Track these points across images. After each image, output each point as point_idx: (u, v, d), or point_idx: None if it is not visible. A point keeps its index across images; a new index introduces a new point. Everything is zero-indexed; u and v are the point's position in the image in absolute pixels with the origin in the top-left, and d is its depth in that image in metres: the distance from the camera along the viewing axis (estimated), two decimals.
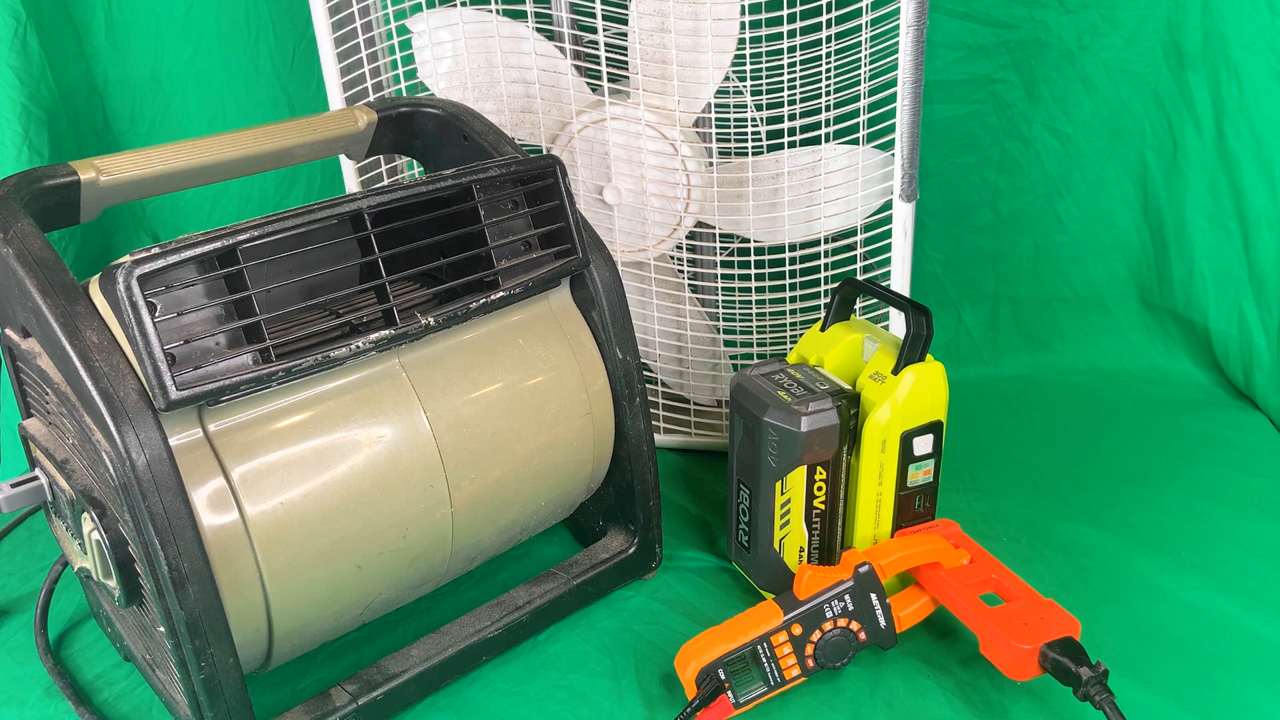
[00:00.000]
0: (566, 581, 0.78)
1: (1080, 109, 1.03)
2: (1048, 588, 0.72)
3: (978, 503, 0.89)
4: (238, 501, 0.59)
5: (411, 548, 0.67)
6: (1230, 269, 1.02)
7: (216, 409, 0.60)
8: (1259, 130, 0.95)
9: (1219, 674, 0.71)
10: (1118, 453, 0.97)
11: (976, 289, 1.12)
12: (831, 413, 0.71)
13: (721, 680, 0.68)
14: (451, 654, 0.71)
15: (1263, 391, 1.01)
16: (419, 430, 0.66)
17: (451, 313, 0.67)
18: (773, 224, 0.89)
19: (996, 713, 0.68)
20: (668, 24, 0.83)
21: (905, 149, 0.84)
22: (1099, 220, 1.08)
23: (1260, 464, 0.94)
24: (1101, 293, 1.11)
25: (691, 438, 1.01)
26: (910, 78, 0.81)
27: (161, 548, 0.56)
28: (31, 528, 0.92)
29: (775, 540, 0.76)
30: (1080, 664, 0.64)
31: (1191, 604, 0.77)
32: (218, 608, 0.58)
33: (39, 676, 0.76)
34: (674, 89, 0.85)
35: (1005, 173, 1.07)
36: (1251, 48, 0.93)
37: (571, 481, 0.77)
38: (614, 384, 0.76)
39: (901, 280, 0.89)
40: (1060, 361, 1.12)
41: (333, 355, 0.62)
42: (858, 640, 0.70)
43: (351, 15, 0.89)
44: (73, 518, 0.64)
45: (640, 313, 0.96)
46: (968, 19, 1.01)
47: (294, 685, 0.74)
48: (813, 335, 0.81)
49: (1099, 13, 0.99)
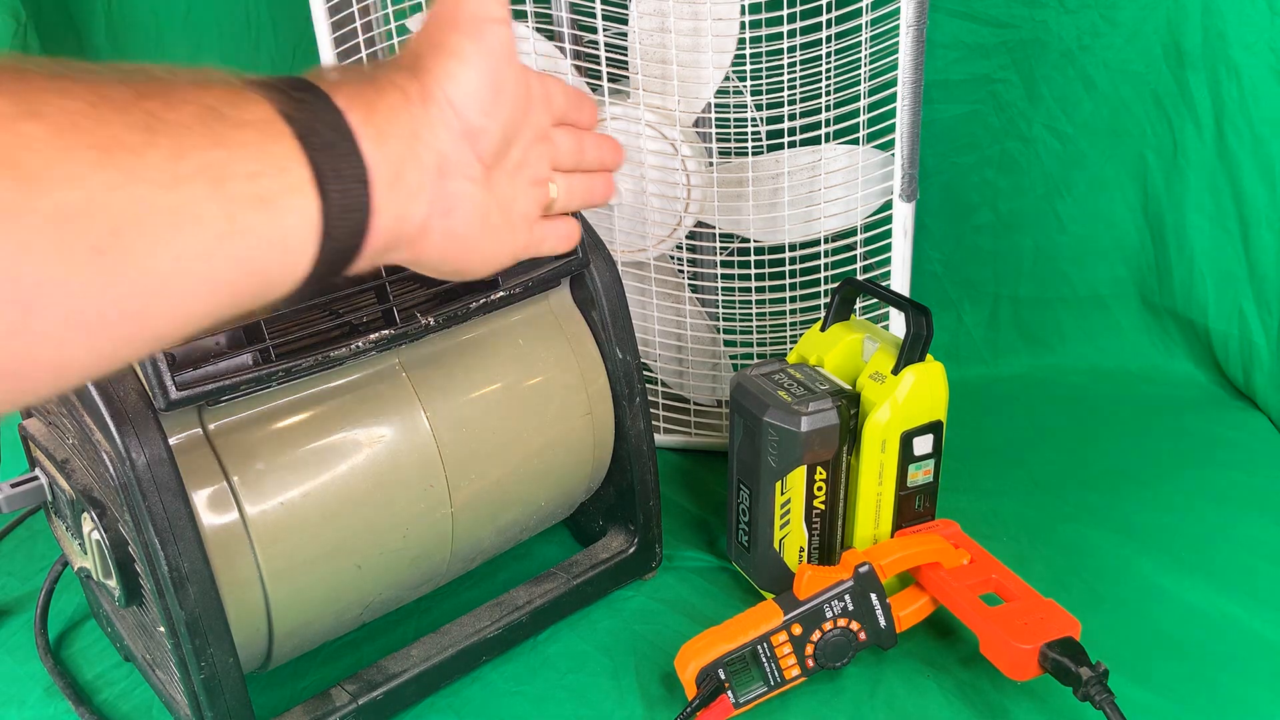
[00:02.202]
0: (566, 581, 0.78)
1: (1080, 109, 1.03)
2: (1048, 588, 0.71)
3: (978, 503, 0.89)
4: (238, 501, 0.59)
5: (411, 548, 0.67)
6: (1230, 269, 1.02)
7: (216, 409, 0.60)
8: (1259, 130, 0.95)
9: (1219, 674, 0.71)
10: (1118, 453, 0.97)
11: (976, 289, 1.12)
12: (831, 413, 0.71)
13: (721, 680, 0.68)
14: (451, 654, 0.71)
15: (1263, 391, 1.01)
16: (419, 430, 0.66)
17: (451, 313, 0.67)
18: (773, 224, 0.89)
19: (996, 713, 0.68)
20: (668, 24, 0.83)
21: (905, 149, 0.84)
22: (1099, 220, 1.08)
23: (1260, 464, 0.94)
24: (1101, 293, 1.11)
25: (691, 438, 1.01)
26: (910, 78, 0.81)
27: (161, 548, 0.56)
28: (31, 528, 0.92)
29: (775, 540, 0.76)
30: (1080, 664, 0.64)
31: (1191, 604, 0.77)
32: (218, 608, 0.58)
33: (39, 676, 0.76)
34: (674, 89, 0.85)
35: (1005, 173, 1.07)
36: (1251, 48, 0.93)
37: (571, 481, 0.77)
38: (614, 384, 0.76)
39: (901, 280, 0.89)
40: (1060, 361, 1.12)
41: (333, 355, 0.62)
42: (858, 640, 0.70)
43: (351, 15, 0.88)
44: (73, 518, 0.64)
45: (640, 313, 0.96)
46: (968, 19, 1.00)
47: (294, 685, 0.74)
48: (813, 335, 0.81)
49: (1099, 13, 0.99)
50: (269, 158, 0.34)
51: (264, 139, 0.34)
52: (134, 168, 0.30)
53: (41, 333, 0.29)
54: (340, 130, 0.37)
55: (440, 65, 0.43)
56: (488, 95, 0.44)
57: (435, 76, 0.42)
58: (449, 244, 0.44)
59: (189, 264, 0.32)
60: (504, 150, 0.46)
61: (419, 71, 0.42)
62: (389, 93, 0.40)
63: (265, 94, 0.36)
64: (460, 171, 0.43)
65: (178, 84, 0.33)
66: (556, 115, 0.51)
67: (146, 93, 0.32)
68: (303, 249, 0.36)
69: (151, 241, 0.31)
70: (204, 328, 0.34)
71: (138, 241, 0.30)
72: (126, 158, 0.30)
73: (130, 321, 0.31)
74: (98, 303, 0.30)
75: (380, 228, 0.39)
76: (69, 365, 0.31)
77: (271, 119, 0.35)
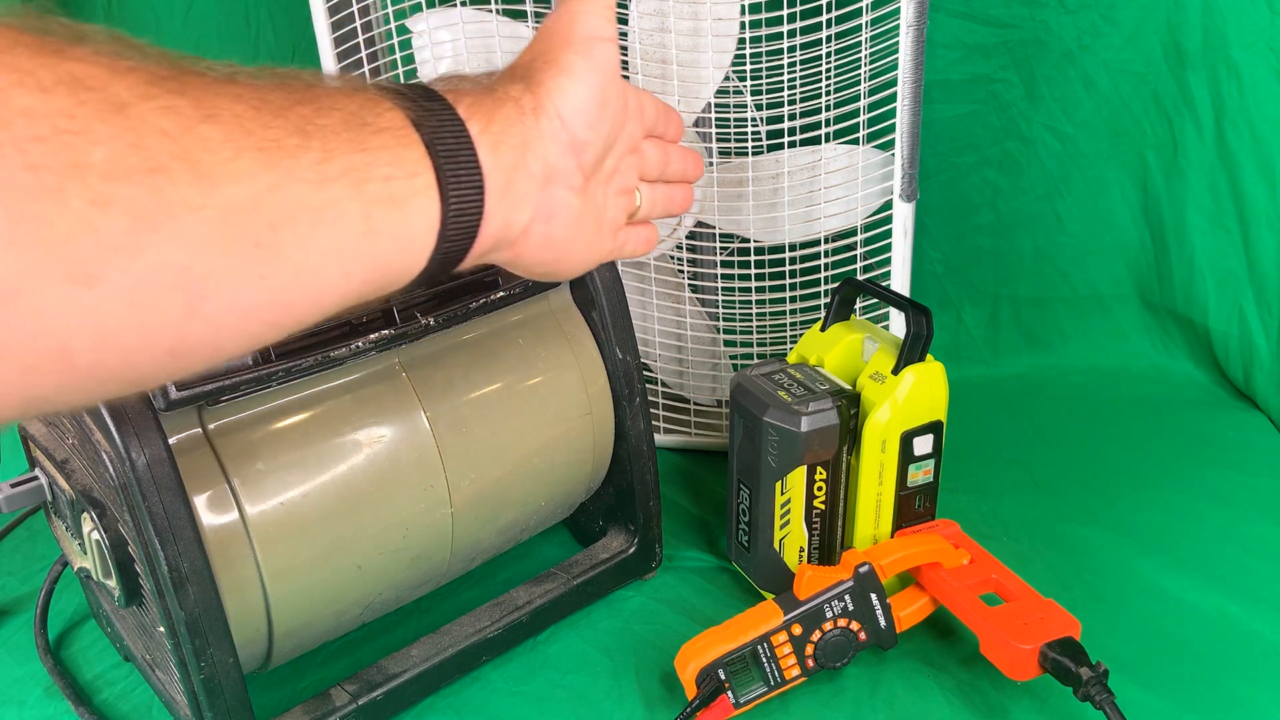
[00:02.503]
0: (566, 581, 0.78)
1: (1080, 109, 1.03)
2: (1048, 588, 0.71)
3: (978, 503, 0.89)
4: (238, 501, 0.59)
5: (411, 548, 0.67)
6: (1230, 269, 1.02)
7: (216, 409, 0.60)
8: (1259, 130, 0.95)
9: (1219, 674, 0.71)
10: (1118, 453, 0.97)
11: (976, 289, 1.12)
12: (831, 413, 0.71)
13: (721, 680, 0.68)
14: (451, 654, 0.71)
15: (1263, 391, 1.01)
16: (419, 430, 0.66)
17: (451, 312, 0.67)
18: (773, 224, 0.89)
19: (996, 713, 0.68)
20: (668, 24, 0.83)
21: (905, 149, 0.84)
22: (1099, 220, 1.08)
23: (1260, 464, 0.94)
24: (1101, 293, 1.11)
25: (691, 438, 1.01)
26: (910, 78, 0.81)
27: (161, 548, 0.56)
28: (31, 528, 0.92)
29: (775, 540, 0.76)
30: (1080, 664, 0.64)
31: (1191, 604, 0.77)
32: (218, 608, 0.58)
33: (39, 676, 0.76)
34: (674, 89, 0.85)
35: (1005, 173, 1.07)
36: (1251, 48, 0.93)
37: (571, 481, 0.77)
38: (614, 384, 0.76)
39: (901, 280, 0.89)
40: (1060, 361, 1.12)
41: (332, 355, 0.62)
42: (858, 640, 0.70)
43: (351, 15, 0.88)
44: (73, 518, 0.63)
45: (640, 313, 0.96)
46: (968, 19, 1.00)
47: (294, 685, 0.74)
48: (813, 335, 0.81)
49: (1099, 13, 0.99)
50: (401, 162, 0.37)
51: (398, 144, 0.37)
52: (291, 169, 0.33)
53: (205, 316, 0.31)
54: (462, 139, 0.40)
55: (553, 79, 0.45)
56: (594, 111, 0.46)
57: (548, 90, 0.45)
58: (546, 248, 0.46)
59: (331, 257, 0.35)
60: (601, 160, 0.48)
61: (532, 84, 0.45)
62: (505, 104, 0.43)
63: (398, 102, 0.39)
64: (563, 181, 0.46)
65: (325, 90, 0.36)
66: (647, 128, 0.53)
67: (301, 99, 0.35)
68: (423, 247, 0.39)
69: (303, 236, 0.33)
70: (333, 314, 0.37)
71: (291, 236, 0.33)
72: (285, 159, 0.33)
73: (278, 308, 0.34)
74: (254, 291, 0.33)
75: (489, 231, 0.42)
76: (224, 345, 0.33)
77: (403, 126, 0.38)
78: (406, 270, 0.39)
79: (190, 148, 0.30)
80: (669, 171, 0.56)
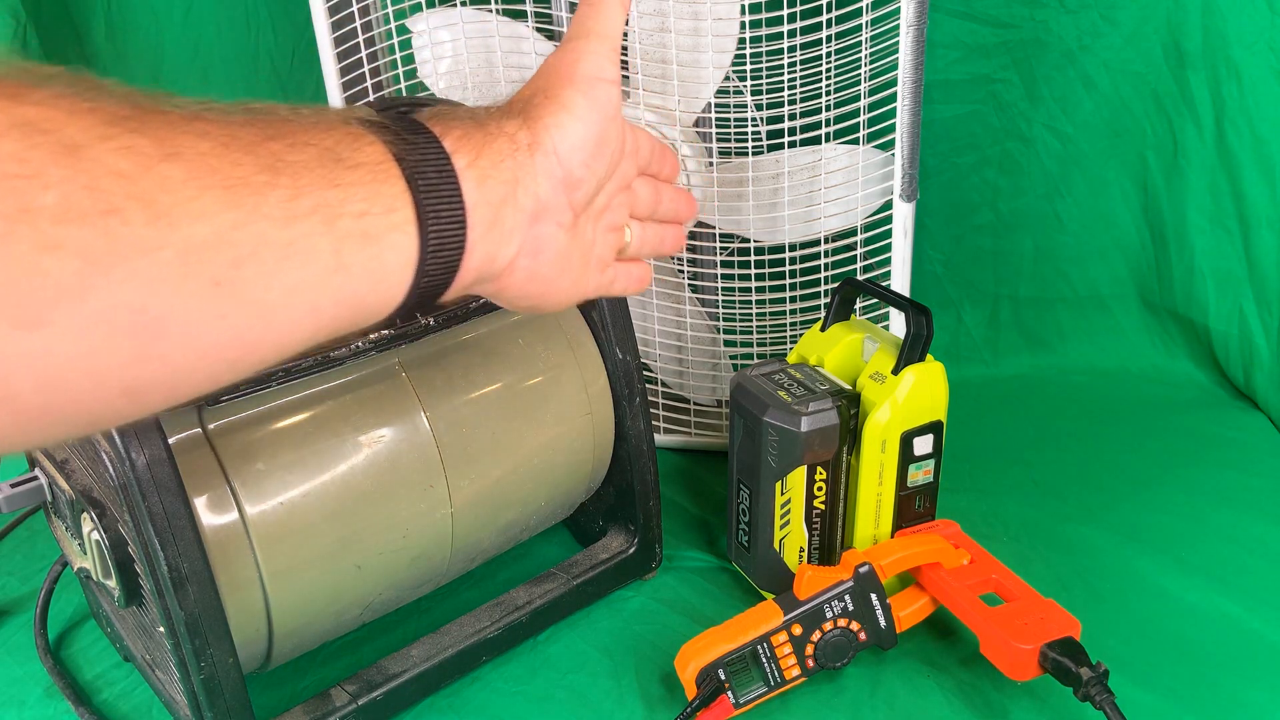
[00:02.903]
0: (566, 581, 0.78)
1: (1080, 109, 1.03)
2: (1048, 588, 0.71)
3: (978, 503, 0.89)
4: (237, 501, 0.59)
5: (411, 548, 0.67)
6: (1230, 269, 1.02)
7: (216, 408, 0.60)
8: (1259, 130, 0.95)
9: (1219, 674, 0.71)
10: (1118, 453, 0.97)
11: (976, 289, 1.12)
12: (831, 413, 0.71)
13: (721, 680, 0.68)
14: (451, 654, 0.71)
15: (1263, 391, 1.01)
16: (419, 430, 0.66)
17: (451, 313, 0.67)
18: (773, 224, 0.89)
19: (996, 713, 0.68)
20: (668, 24, 0.83)
21: (905, 149, 0.84)
22: (1099, 220, 1.08)
23: (1260, 464, 0.94)
24: (1101, 293, 1.11)
25: (691, 438, 1.01)
26: (910, 78, 0.81)
27: (161, 548, 0.56)
28: (31, 528, 0.92)
29: (775, 540, 0.76)
30: (1080, 664, 0.64)
31: (1191, 604, 0.77)
32: (218, 608, 0.58)
33: (39, 676, 0.76)
34: (674, 89, 0.85)
35: (1005, 173, 1.07)
36: (1251, 48, 0.93)
37: (571, 481, 0.77)
38: (614, 384, 0.76)
39: (901, 280, 0.89)
40: (1060, 361, 1.12)
41: (332, 355, 0.62)
42: (858, 640, 0.70)
43: (351, 15, 0.88)
44: (73, 518, 0.63)
45: (640, 313, 0.96)
46: (968, 19, 1.01)
47: (294, 685, 0.74)
48: (813, 335, 0.81)
49: (1099, 13, 0.99)
50: (378, 198, 0.37)
51: (374, 179, 0.37)
52: (257, 206, 0.32)
53: (162, 357, 0.31)
54: (445, 172, 0.40)
55: (552, 115, 0.46)
56: (591, 149, 0.46)
57: (545, 126, 0.45)
58: (531, 282, 0.46)
59: (297, 295, 0.34)
60: (593, 198, 0.48)
61: (530, 120, 0.45)
62: (498, 139, 0.43)
63: (381, 135, 0.38)
64: (553, 217, 0.46)
65: (301, 125, 0.36)
66: (641, 166, 0.53)
67: (273, 134, 0.34)
68: (398, 281, 0.39)
69: (266, 274, 0.33)
70: (300, 351, 0.36)
71: (254, 274, 0.32)
72: (251, 197, 0.32)
73: (238, 346, 0.33)
74: (213, 330, 0.32)
75: (471, 265, 0.42)
76: (181, 385, 0.33)
77: (383, 160, 0.38)
78: (382, 305, 0.39)
79: (148, 188, 0.29)
80: (660, 211, 0.56)
